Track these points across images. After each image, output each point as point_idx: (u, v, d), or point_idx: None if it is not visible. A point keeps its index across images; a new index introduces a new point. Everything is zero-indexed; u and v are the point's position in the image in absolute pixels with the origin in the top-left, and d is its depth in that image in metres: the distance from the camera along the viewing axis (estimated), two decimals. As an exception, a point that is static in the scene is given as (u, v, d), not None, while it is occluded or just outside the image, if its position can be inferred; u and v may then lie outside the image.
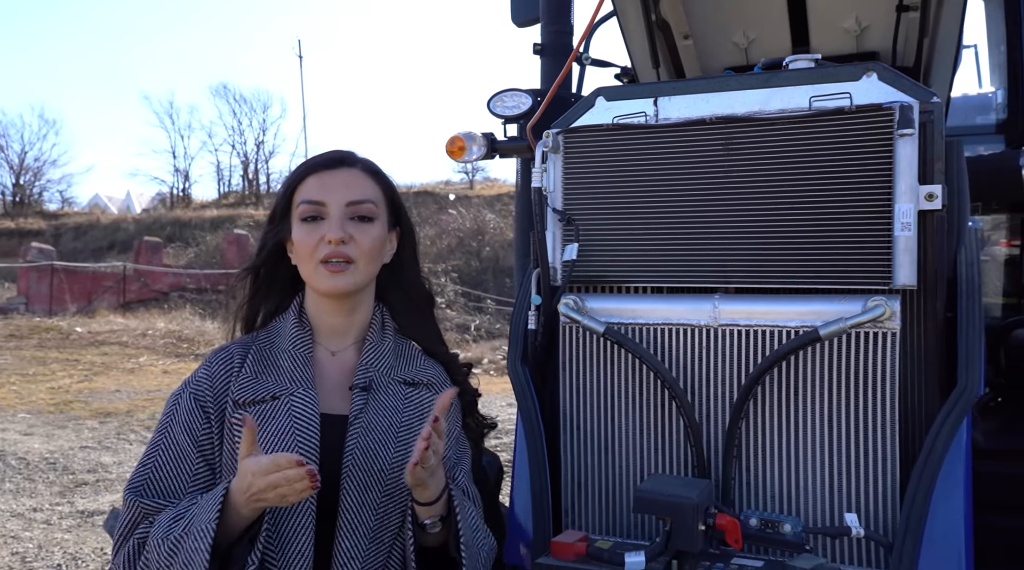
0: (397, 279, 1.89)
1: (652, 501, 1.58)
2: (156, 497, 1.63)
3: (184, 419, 1.68)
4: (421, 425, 1.69)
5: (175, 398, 1.74)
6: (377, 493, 1.65)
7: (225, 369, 1.73)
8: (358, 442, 1.66)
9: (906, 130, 1.69)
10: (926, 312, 1.74)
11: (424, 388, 1.81)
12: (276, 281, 1.85)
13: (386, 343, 1.82)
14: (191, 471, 1.66)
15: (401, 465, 1.66)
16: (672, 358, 1.88)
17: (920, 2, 2.68)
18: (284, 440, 1.63)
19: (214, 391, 1.70)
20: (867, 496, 1.73)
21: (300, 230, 1.73)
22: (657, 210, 1.91)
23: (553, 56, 3.24)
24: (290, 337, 1.76)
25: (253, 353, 1.76)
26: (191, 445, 1.67)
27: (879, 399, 1.72)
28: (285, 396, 1.69)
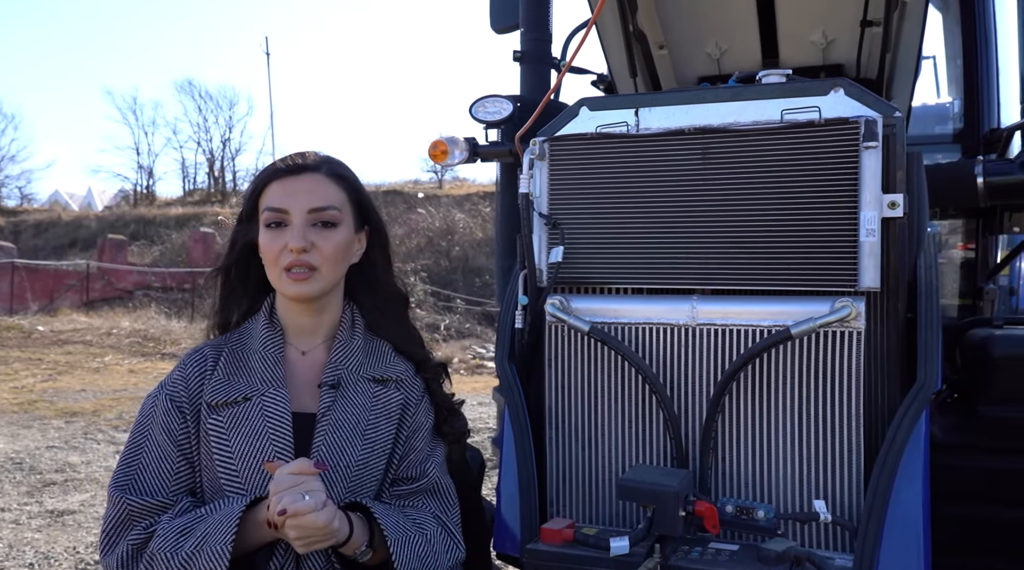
0: (366, 278, 1.91)
1: (635, 489, 1.68)
2: (142, 494, 1.67)
3: (162, 419, 1.72)
4: (387, 424, 1.77)
5: (152, 400, 1.77)
6: (341, 489, 1.69)
7: (199, 371, 1.77)
8: (324, 439, 1.70)
9: (871, 142, 1.82)
10: (888, 313, 1.86)
11: (393, 385, 1.83)
12: (249, 279, 1.87)
13: (355, 341, 1.85)
14: (173, 469, 1.70)
15: (367, 461, 1.72)
16: (652, 355, 1.99)
17: (883, 18, 2.82)
18: (258, 440, 1.68)
19: (189, 392, 1.74)
20: (834, 484, 1.85)
21: (264, 236, 1.76)
22: (638, 215, 2.02)
23: (532, 63, 3.34)
24: (261, 338, 1.80)
25: (226, 355, 1.79)
26: (170, 444, 1.70)
27: (845, 394, 1.85)
28: (257, 397, 1.72)
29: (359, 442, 1.73)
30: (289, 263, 1.71)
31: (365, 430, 1.75)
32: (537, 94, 3.26)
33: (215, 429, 1.70)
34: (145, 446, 1.72)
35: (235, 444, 1.69)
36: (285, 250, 1.71)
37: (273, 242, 1.73)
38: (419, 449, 1.81)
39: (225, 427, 1.70)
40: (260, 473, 1.66)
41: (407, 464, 1.80)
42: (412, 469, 1.80)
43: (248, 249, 1.83)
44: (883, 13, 2.80)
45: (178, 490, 1.70)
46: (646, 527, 1.69)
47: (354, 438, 1.73)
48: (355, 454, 1.72)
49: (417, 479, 1.79)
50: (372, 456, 1.74)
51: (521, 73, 3.36)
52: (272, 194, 1.76)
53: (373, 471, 1.75)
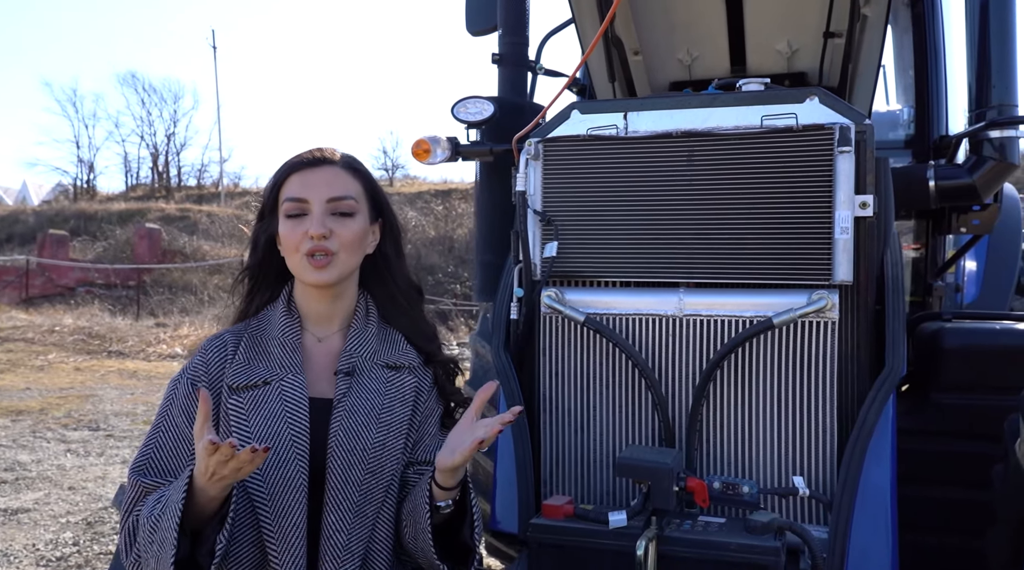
0: (379, 270, 2.00)
1: (632, 467, 1.81)
2: (157, 476, 1.75)
3: (183, 403, 1.80)
4: (402, 407, 1.86)
5: (174, 384, 1.84)
6: (360, 471, 1.76)
7: (219, 356, 1.84)
8: (341, 424, 1.78)
9: (845, 147, 1.98)
10: (859, 304, 2.02)
11: (406, 371, 1.91)
12: (270, 272, 1.96)
13: (369, 329, 1.93)
14: (189, 452, 1.76)
15: (384, 443, 1.80)
16: (642, 344, 2.12)
17: (845, 30, 3.01)
18: (276, 422, 1.75)
19: (209, 376, 1.81)
20: (810, 462, 2.01)
21: (285, 226, 1.84)
22: (628, 213, 2.15)
23: (511, 66, 3.45)
24: (280, 325, 1.88)
25: (245, 341, 1.87)
26: (189, 427, 1.75)
27: (820, 379, 2.01)
28: (276, 381, 1.80)
29: (375, 426, 1.81)
30: (310, 249, 1.80)
31: (380, 414, 1.83)
32: (515, 96, 3.38)
33: (235, 409, 1.78)
34: (163, 428, 1.80)
35: (254, 424, 1.76)
36: (306, 237, 1.80)
37: (293, 231, 1.82)
38: (432, 434, 1.91)
39: (245, 408, 1.77)
40: (275, 454, 1.74)
41: (423, 448, 1.89)
42: (429, 453, 1.88)
43: (269, 244, 1.92)
44: (845, 26, 2.99)
45: None
46: (641, 502, 1.82)
47: (370, 422, 1.80)
48: (371, 437, 1.79)
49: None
50: (389, 438, 1.82)
51: (499, 75, 3.47)
52: (292, 185, 1.85)
53: (392, 452, 1.83)
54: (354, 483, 1.76)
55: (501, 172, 3.27)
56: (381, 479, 1.80)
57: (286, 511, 1.72)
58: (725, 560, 1.73)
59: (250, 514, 1.73)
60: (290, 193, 1.85)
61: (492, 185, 3.33)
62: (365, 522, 1.77)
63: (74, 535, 5.76)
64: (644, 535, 1.73)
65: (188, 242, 25.09)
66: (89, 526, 5.99)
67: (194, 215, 29.46)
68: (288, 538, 1.72)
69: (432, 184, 30.18)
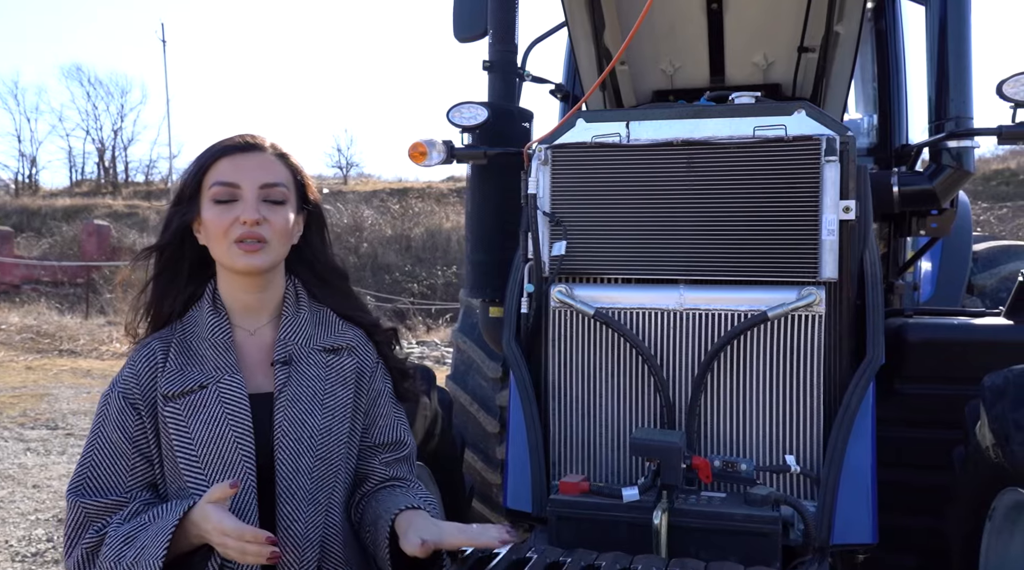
0: (305, 259, 1.91)
1: (645, 446, 1.99)
2: (96, 495, 1.68)
3: (115, 417, 1.72)
4: (344, 390, 1.81)
5: (105, 399, 1.76)
6: (309, 458, 1.73)
7: (149, 365, 1.75)
8: (285, 415, 1.73)
9: (831, 157, 2.19)
10: (842, 299, 2.23)
11: (345, 353, 1.85)
12: (183, 261, 1.84)
13: (302, 314, 1.85)
14: (128, 466, 1.71)
15: (329, 428, 1.77)
16: (645, 336, 2.31)
17: (819, 46, 3.23)
18: (218, 426, 1.70)
19: (141, 388, 1.73)
20: (798, 442, 2.22)
21: (212, 211, 1.74)
22: (632, 214, 2.33)
23: (500, 73, 3.60)
24: (208, 325, 1.79)
25: (175, 346, 1.78)
26: (125, 442, 1.70)
27: (808, 367, 2.21)
28: (212, 384, 1.73)
29: (319, 412, 1.77)
30: (241, 235, 1.71)
31: (324, 399, 1.78)
32: (504, 101, 3.54)
33: (173, 418, 1.71)
34: (97, 446, 1.72)
35: (194, 431, 1.70)
36: (236, 223, 1.72)
37: (222, 216, 1.72)
38: (386, 414, 1.88)
39: (183, 415, 1.71)
40: (220, 458, 1.69)
41: (378, 430, 1.88)
42: (386, 435, 1.88)
43: (183, 231, 1.80)
44: (819, 41, 3.21)
45: (134, 486, 1.71)
46: (651, 478, 2.00)
47: (313, 408, 1.76)
48: (317, 423, 1.76)
49: (398, 447, 1.89)
50: (334, 423, 1.79)
51: (489, 81, 3.62)
52: (222, 169, 1.76)
53: (337, 436, 1.79)
54: (304, 471, 1.73)
55: (494, 174, 3.42)
56: (331, 464, 1.78)
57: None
58: (729, 529, 1.92)
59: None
60: (220, 177, 1.75)
61: (484, 187, 3.48)
62: (319, 509, 1.75)
63: (46, 532, 5.75)
64: (658, 507, 1.91)
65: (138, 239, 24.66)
66: (61, 522, 5.98)
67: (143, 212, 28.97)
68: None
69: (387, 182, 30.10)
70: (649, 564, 1.68)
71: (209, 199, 1.75)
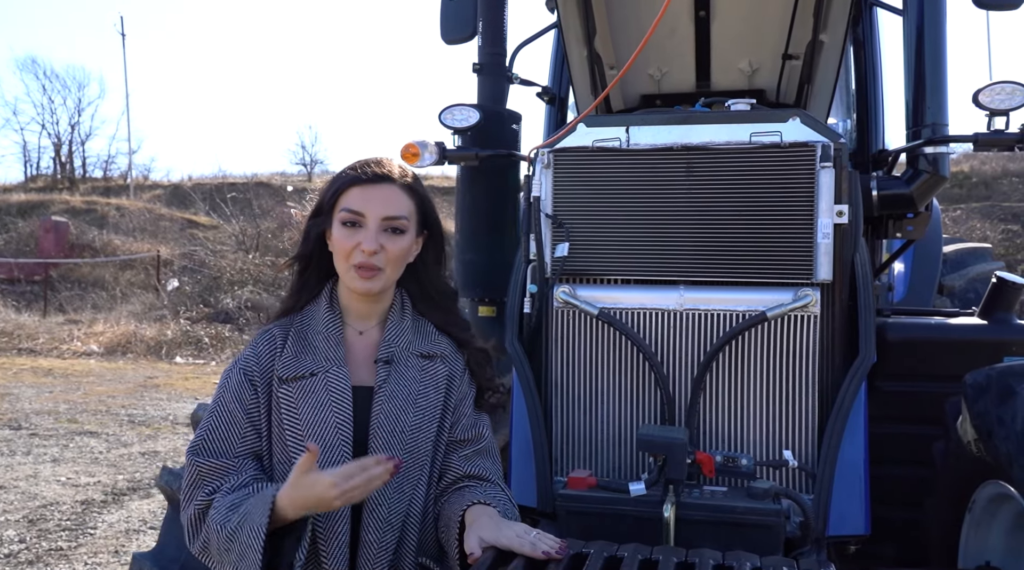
0: (417, 273, 2.12)
1: (652, 442, 2.05)
2: (210, 456, 1.91)
3: (235, 390, 1.96)
4: (436, 393, 2.01)
5: (227, 374, 2.01)
6: (399, 451, 1.91)
7: (269, 348, 2.00)
8: (382, 408, 1.94)
9: (826, 163, 2.27)
10: (836, 300, 2.32)
11: (439, 360, 2.06)
12: (320, 266, 2.07)
13: (405, 321, 2.08)
14: (240, 434, 1.93)
15: (419, 426, 1.96)
16: (646, 335, 2.37)
17: (803, 54, 3.33)
18: (323, 410, 1.91)
19: (260, 367, 1.97)
20: (794, 438, 2.30)
21: (340, 232, 1.97)
22: (633, 217, 2.40)
23: (489, 75, 3.65)
24: (323, 321, 2.03)
25: (292, 335, 2.02)
26: (240, 412, 1.94)
27: (804, 365, 2.30)
28: (321, 373, 1.95)
29: (412, 409, 1.96)
30: (360, 262, 1.94)
31: (417, 399, 1.98)
32: (494, 104, 3.58)
33: (285, 399, 1.94)
34: (216, 413, 1.96)
35: (303, 412, 1.91)
36: (357, 249, 1.94)
37: (348, 239, 1.96)
38: (468, 414, 2.07)
39: (294, 397, 1.93)
40: (322, 439, 1.89)
41: (461, 428, 2.05)
42: (467, 432, 2.05)
43: (319, 239, 2.04)
44: (803, 49, 3.31)
45: (243, 453, 1.93)
46: (657, 473, 2.06)
47: (407, 406, 1.96)
48: (409, 420, 1.95)
49: (476, 442, 2.05)
50: (424, 421, 1.98)
51: (479, 84, 3.67)
52: (352, 198, 1.98)
53: (426, 434, 1.98)
54: None
55: (485, 175, 3.47)
56: (417, 458, 1.96)
57: None
58: (734, 521, 1.99)
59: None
60: (349, 205, 1.97)
61: (474, 188, 3.53)
62: (403, 498, 1.93)
63: (18, 533, 5.68)
64: (668, 500, 1.97)
65: (98, 236, 24.23)
66: (32, 523, 5.91)
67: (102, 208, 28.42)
68: (333, 516, 1.87)
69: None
70: (669, 554, 1.74)
71: (338, 220, 1.98)
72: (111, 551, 5.40)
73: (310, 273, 2.09)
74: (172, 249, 22.97)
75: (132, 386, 12.41)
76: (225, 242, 23.28)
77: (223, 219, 24.30)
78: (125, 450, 8.30)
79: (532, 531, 1.75)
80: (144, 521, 6.04)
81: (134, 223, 25.90)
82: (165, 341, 16.28)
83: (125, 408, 10.52)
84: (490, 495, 1.93)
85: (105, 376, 13.39)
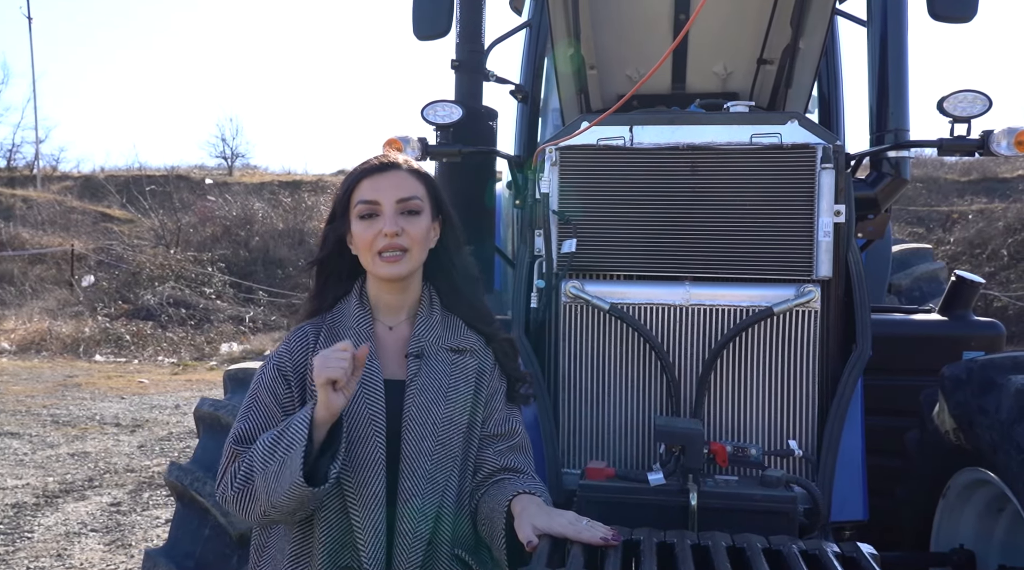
0: (441, 262, 2.15)
1: (670, 432, 2.11)
2: (247, 443, 1.93)
3: (269, 384, 1.99)
4: (466, 386, 2.04)
5: (262, 368, 2.05)
6: (431, 442, 1.95)
7: (302, 345, 2.03)
8: (414, 401, 1.97)
9: (827, 164, 2.37)
10: (834, 296, 2.42)
11: (468, 354, 2.08)
12: (342, 269, 2.11)
13: (434, 316, 2.10)
14: (275, 425, 1.93)
15: (451, 418, 1.99)
16: (653, 329, 2.43)
17: (778, 58, 3.44)
18: (355, 404, 1.94)
19: (293, 362, 2.01)
20: (795, 428, 2.39)
21: (358, 226, 2.00)
22: (638, 214, 2.45)
23: (468, 72, 3.66)
24: (354, 317, 2.06)
25: (324, 332, 2.05)
26: (274, 406, 1.97)
27: (804, 359, 2.39)
28: None
29: (443, 402, 1.99)
30: (383, 246, 1.97)
31: (448, 392, 2.01)
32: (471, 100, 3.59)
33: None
34: (252, 405, 1.99)
35: None
36: (379, 236, 1.97)
37: (367, 231, 1.99)
38: (500, 409, 2.09)
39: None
40: (355, 431, 1.92)
41: (494, 422, 2.07)
42: (500, 427, 2.07)
43: (339, 243, 2.08)
44: (778, 54, 3.42)
45: None
46: (674, 463, 2.12)
47: (439, 399, 1.99)
48: (441, 412, 1.98)
49: (510, 437, 2.07)
50: (455, 414, 2.00)
51: (456, 81, 3.67)
52: (364, 190, 2.02)
53: (457, 426, 2.00)
54: (427, 453, 1.94)
55: (464, 171, 3.48)
56: (449, 450, 1.99)
57: (367, 483, 1.91)
58: (750, 509, 2.06)
59: (335, 485, 1.89)
60: (362, 197, 2.01)
61: (453, 184, 3.53)
62: (436, 488, 1.95)
63: (-49, 538, 5.41)
64: (692, 489, 2.03)
65: (3, 229, 23.11)
66: (-34, 529, 5.64)
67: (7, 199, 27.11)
68: (368, 506, 1.91)
69: (275, 174, 29.18)
70: (684, 537, 1.79)
71: (355, 216, 2.01)
72: (53, 555, 5.20)
73: (328, 277, 2.12)
74: (86, 243, 22.08)
75: (51, 385, 11.92)
76: (143, 236, 22.52)
77: (140, 212, 23.48)
78: (52, 451, 7.98)
79: (583, 519, 1.78)
80: (84, 523, 5.82)
81: (43, 215, 24.80)
82: (83, 339, 15.68)
83: (47, 408, 10.10)
84: (531, 486, 1.95)
85: (20, 375, 12.82)
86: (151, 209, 22.86)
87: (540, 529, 1.75)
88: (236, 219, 21.79)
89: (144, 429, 9.03)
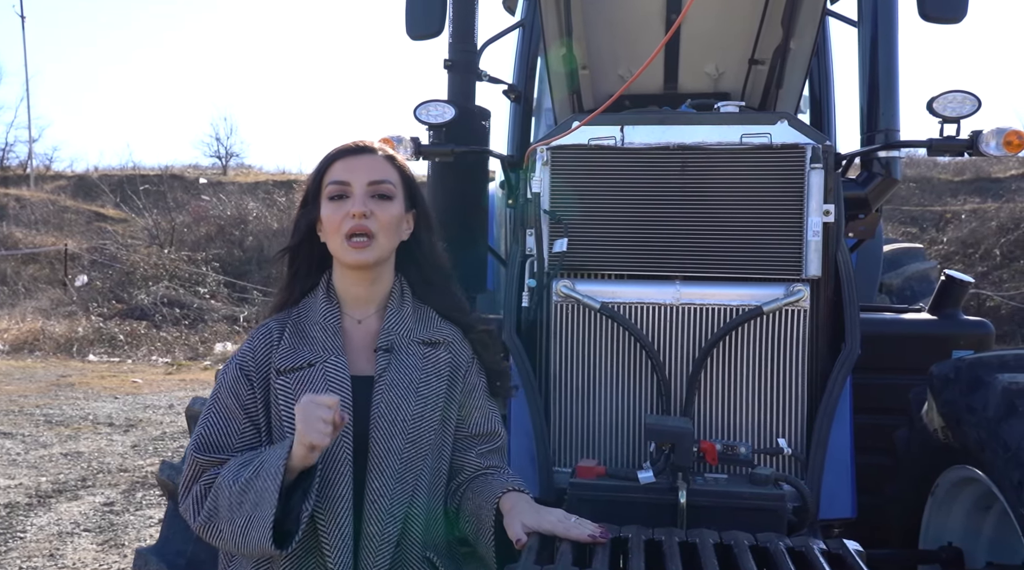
0: (413, 256, 2.07)
1: (660, 431, 2.12)
2: (210, 451, 1.87)
3: (231, 385, 1.92)
4: (438, 381, 1.95)
5: (223, 370, 1.97)
6: (400, 440, 1.87)
7: (265, 343, 1.95)
8: (383, 397, 1.88)
9: (816, 164, 2.38)
10: (823, 295, 2.43)
11: (442, 347, 2.00)
12: (312, 257, 2.03)
13: (405, 308, 2.02)
14: (238, 429, 1.90)
15: (422, 415, 1.91)
16: (644, 329, 2.44)
17: (769, 59, 3.46)
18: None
19: (256, 361, 1.93)
20: (784, 426, 2.41)
21: (328, 208, 1.93)
22: (629, 213, 2.47)
23: (460, 72, 3.67)
24: (321, 311, 1.98)
25: (289, 327, 1.98)
26: (237, 407, 1.90)
27: (794, 357, 2.40)
28: (319, 363, 1.90)
29: (413, 399, 1.91)
30: (351, 229, 1.89)
31: (418, 388, 1.93)
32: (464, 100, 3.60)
33: (283, 389, 1.89)
34: (213, 409, 1.94)
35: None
36: (347, 217, 1.90)
37: (336, 212, 1.92)
38: (480, 407, 2.03)
39: (292, 388, 1.88)
40: None
41: (474, 422, 2.02)
42: (480, 426, 2.02)
43: (309, 230, 2.00)
44: (769, 55, 3.44)
45: (242, 447, 1.89)
46: (664, 461, 2.13)
47: (408, 395, 1.91)
48: (410, 410, 1.90)
49: (491, 438, 2.03)
50: (426, 410, 1.92)
51: (449, 80, 3.68)
52: (336, 170, 1.96)
53: (428, 422, 1.93)
54: (395, 452, 1.87)
55: (456, 171, 3.49)
56: (420, 448, 1.91)
57: (333, 483, 1.84)
58: (740, 506, 2.07)
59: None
60: (334, 177, 1.95)
61: (446, 183, 3.54)
62: (405, 488, 1.88)
63: (-62, 539, 5.41)
64: (681, 487, 2.04)
65: (-2, 228, 23.09)
66: (-47, 530, 5.63)
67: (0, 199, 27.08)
68: (335, 507, 1.83)
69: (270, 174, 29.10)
70: (672, 534, 1.80)
71: (325, 197, 1.94)
72: (45, 555, 5.19)
73: (300, 265, 2.05)
74: (80, 242, 22.03)
75: (44, 385, 11.89)
76: (137, 236, 22.46)
77: (134, 212, 23.42)
78: (45, 451, 7.96)
79: (572, 517, 1.77)
80: (76, 523, 5.82)
81: (36, 215, 24.73)
82: (76, 338, 15.63)
83: (40, 408, 10.08)
84: (517, 482, 1.92)
85: (13, 375, 12.79)
86: (145, 208, 22.80)
87: (529, 527, 1.73)
88: (230, 218, 21.76)
89: (138, 429, 9.02)
